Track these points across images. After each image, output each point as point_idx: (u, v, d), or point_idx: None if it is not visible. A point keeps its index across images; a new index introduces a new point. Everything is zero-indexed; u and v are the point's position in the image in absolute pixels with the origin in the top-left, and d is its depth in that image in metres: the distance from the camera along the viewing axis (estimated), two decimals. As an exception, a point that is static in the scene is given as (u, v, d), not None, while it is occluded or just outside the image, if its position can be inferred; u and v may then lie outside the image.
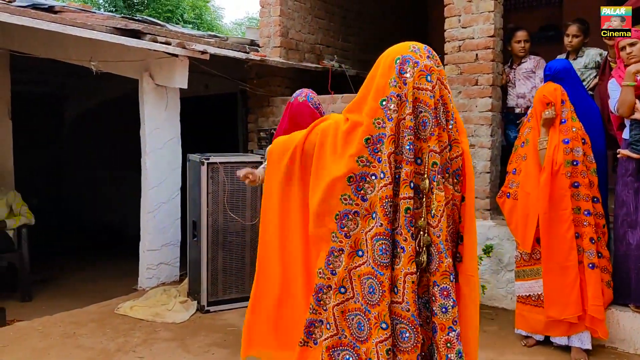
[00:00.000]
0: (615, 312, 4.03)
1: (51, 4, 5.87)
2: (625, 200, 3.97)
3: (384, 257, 1.77)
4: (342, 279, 1.85)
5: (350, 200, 1.86)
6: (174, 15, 16.77)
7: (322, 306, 1.92)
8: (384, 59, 1.90)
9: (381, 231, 1.77)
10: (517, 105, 5.19)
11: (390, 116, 1.80)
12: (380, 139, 1.81)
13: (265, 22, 6.50)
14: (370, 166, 1.84)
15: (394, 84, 1.81)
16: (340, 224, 1.87)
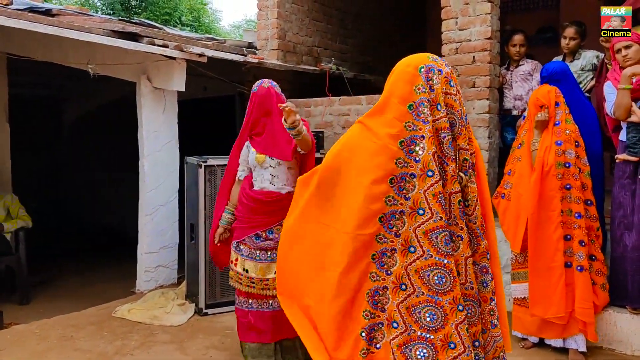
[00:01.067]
0: (612, 314, 4.04)
1: (48, 7, 5.88)
2: (622, 203, 3.98)
3: (448, 247, 1.91)
4: (400, 276, 1.93)
5: (394, 200, 1.97)
6: (171, 18, 16.79)
7: (379, 309, 1.98)
8: (404, 68, 2.04)
9: (441, 224, 1.90)
10: (514, 107, 5.20)
11: (426, 119, 1.94)
12: (413, 140, 1.96)
13: (262, 24, 6.51)
14: (408, 166, 1.96)
15: (423, 90, 1.97)
16: (388, 224, 1.97)
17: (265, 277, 3.39)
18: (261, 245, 3.40)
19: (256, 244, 3.40)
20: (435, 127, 1.94)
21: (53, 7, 6.12)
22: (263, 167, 3.43)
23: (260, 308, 3.43)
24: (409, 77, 2.00)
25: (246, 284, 3.42)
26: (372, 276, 1.98)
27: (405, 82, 2.00)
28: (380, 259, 1.97)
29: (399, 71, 2.04)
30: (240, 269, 3.43)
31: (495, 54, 5.10)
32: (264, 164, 3.41)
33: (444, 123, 1.95)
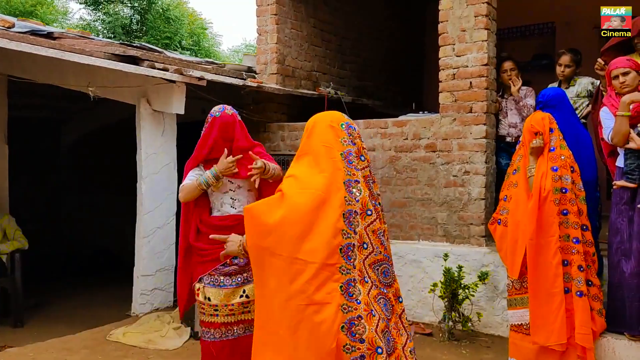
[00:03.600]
0: (610, 340, 4.02)
1: (50, 30, 5.95)
2: (619, 229, 3.98)
3: (387, 278, 2.16)
4: (368, 303, 2.06)
5: (347, 234, 2.08)
6: (172, 42, 16.95)
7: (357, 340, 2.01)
8: (329, 123, 2.23)
9: (381, 257, 2.14)
10: (509, 134, 5.24)
11: (357, 166, 2.16)
12: (350, 183, 2.14)
13: (262, 49, 6.57)
14: (352, 204, 2.11)
15: (348, 142, 2.19)
16: (347, 256, 2.06)
17: (229, 302, 3.24)
18: (225, 271, 3.25)
19: (220, 271, 3.25)
20: (363, 175, 2.18)
21: (54, 31, 6.19)
22: (222, 192, 3.33)
23: (222, 337, 3.25)
24: (335, 130, 2.20)
25: (209, 313, 3.25)
26: (344, 308, 2.00)
27: (332, 135, 2.19)
28: (347, 289, 2.03)
29: (325, 126, 2.23)
30: (202, 298, 3.27)
31: (492, 80, 5.16)
32: (223, 187, 3.32)
33: (368, 171, 2.21)
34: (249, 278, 3.24)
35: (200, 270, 3.28)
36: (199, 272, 3.29)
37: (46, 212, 9.49)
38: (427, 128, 5.36)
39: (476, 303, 4.87)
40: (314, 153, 2.20)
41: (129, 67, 5.07)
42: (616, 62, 4.03)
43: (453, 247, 5.13)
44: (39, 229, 7.75)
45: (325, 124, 2.23)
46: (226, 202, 3.33)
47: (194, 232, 3.34)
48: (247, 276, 3.25)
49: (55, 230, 9.52)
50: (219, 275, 3.24)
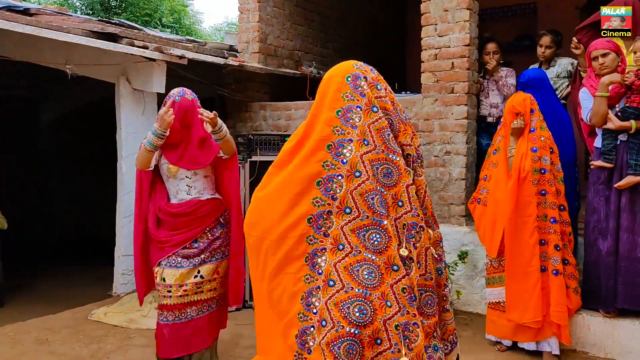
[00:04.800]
0: (585, 317, 4.11)
1: (26, 6, 5.81)
2: (596, 208, 4.05)
3: (376, 244, 1.91)
4: (329, 272, 1.94)
5: (322, 201, 1.99)
6: (152, 19, 16.66)
7: (311, 310, 1.97)
8: (331, 79, 2.10)
9: (368, 222, 1.92)
10: (490, 114, 5.28)
11: (354, 124, 2.00)
12: (341, 143, 2.01)
13: (244, 27, 6.51)
14: (335, 168, 2.00)
15: (351, 97, 2.03)
16: (317, 225, 1.99)
17: (183, 282, 3.25)
18: (184, 253, 3.27)
19: (179, 253, 3.27)
20: (376, 128, 1.99)
21: (31, 7, 6.04)
22: (178, 179, 3.33)
23: (176, 320, 3.27)
24: (337, 85, 2.07)
25: (163, 294, 3.27)
26: (306, 278, 1.99)
27: (333, 90, 2.07)
28: (313, 259, 1.99)
29: (327, 80, 2.11)
30: (158, 280, 3.28)
31: (474, 61, 5.17)
32: (179, 174, 3.32)
33: (384, 122, 2.00)
34: (206, 259, 3.31)
35: (159, 255, 3.30)
36: (158, 257, 3.31)
37: (25, 193, 9.37)
38: (409, 108, 5.37)
39: (456, 281, 4.94)
40: (312, 112, 2.12)
41: (108, 45, 4.99)
42: (596, 43, 4.06)
43: (434, 227, 5.17)
44: (19, 210, 7.66)
45: (329, 77, 2.12)
46: (182, 188, 3.34)
47: (154, 221, 3.35)
48: (204, 257, 3.30)
49: (35, 211, 9.43)
50: (177, 257, 3.26)
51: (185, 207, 3.31)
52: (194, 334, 3.31)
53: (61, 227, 9.49)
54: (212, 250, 3.35)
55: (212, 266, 3.35)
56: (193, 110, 3.31)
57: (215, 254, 3.37)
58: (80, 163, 9.51)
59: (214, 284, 3.38)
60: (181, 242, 3.28)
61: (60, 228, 9.46)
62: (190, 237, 3.30)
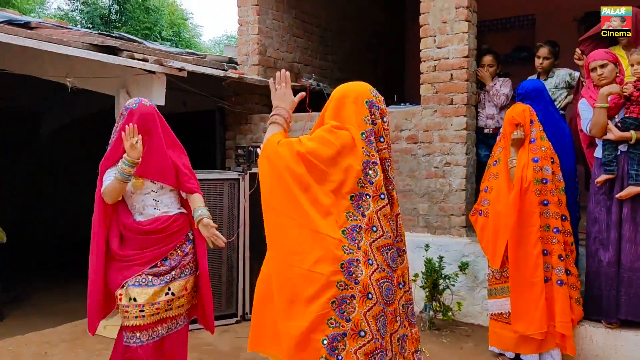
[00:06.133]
0: (587, 328, 4.09)
1: (27, 20, 5.83)
2: (597, 218, 4.05)
3: (394, 262, 2.13)
4: (367, 285, 2.04)
5: (354, 216, 2.09)
6: (152, 33, 16.77)
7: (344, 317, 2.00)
8: (354, 100, 2.19)
9: (390, 242, 2.13)
10: (486, 126, 5.30)
11: (376, 147, 2.16)
12: (367, 164, 2.12)
13: (243, 40, 6.53)
14: (365, 187, 2.10)
15: (369, 122, 2.16)
16: (351, 237, 2.07)
17: (155, 300, 3.09)
18: (154, 272, 3.11)
19: (148, 272, 3.10)
20: (380, 157, 2.17)
21: (32, 20, 6.07)
22: (143, 193, 3.15)
23: (149, 340, 3.11)
24: (359, 108, 2.17)
25: (134, 315, 3.06)
26: (340, 285, 2.01)
27: (356, 112, 2.16)
28: (349, 267, 2.04)
29: (350, 102, 2.19)
30: (126, 302, 3.07)
31: (473, 72, 5.19)
32: (144, 189, 3.14)
33: (387, 153, 2.21)
34: (176, 276, 3.16)
35: (124, 274, 3.10)
36: (123, 277, 3.10)
37: (26, 204, 9.36)
38: (408, 119, 5.38)
39: (457, 293, 4.91)
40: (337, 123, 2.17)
41: (108, 58, 5.00)
42: (594, 54, 4.08)
43: (434, 238, 5.18)
44: (19, 221, 7.64)
45: (351, 99, 2.19)
46: (148, 203, 3.17)
47: (117, 239, 3.15)
48: (174, 274, 3.15)
49: (36, 222, 9.40)
50: (147, 275, 3.10)
51: (157, 223, 3.13)
52: (167, 354, 3.18)
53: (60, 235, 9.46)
54: (182, 266, 3.20)
55: (182, 282, 3.20)
56: (153, 117, 3.14)
57: (184, 270, 3.22)
58: (80, 173, 9.50)
59: (182, 300, 3.23)
60: (152, 260, 3.11)
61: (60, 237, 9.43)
62: (162, 255, 3.14)
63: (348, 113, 2.17)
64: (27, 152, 9.54)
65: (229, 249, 5.06)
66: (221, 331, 4.82)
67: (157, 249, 3.13)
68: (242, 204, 5.13)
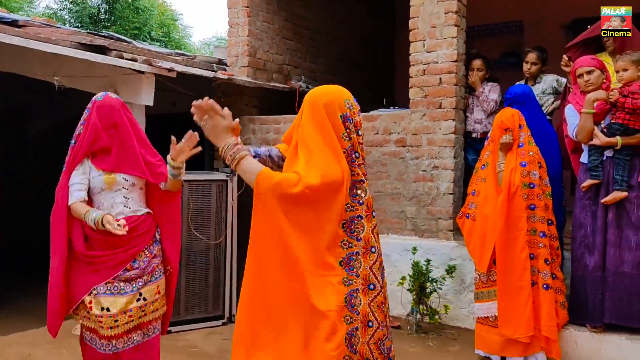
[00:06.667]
0: (572, 332, 4.12)
1: (15, 18, 5.79)
2: (583, 223, 4.08)
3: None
4: (366, 314, 2.03)
5: (349, 243, 2.03)
6: (141, 33, 16.69)
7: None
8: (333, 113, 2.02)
9: (382, 259, 2.12)
10: (474, 130, 5.33)
11: (358, 163, 2.05)
12: (355, 184, 2.04)
13: (233, 41, 6.53)
14: (354, 210, 2.04)
15: (347, 138, 2.03)
16: (348, 267, 2.02)
17: (128, 308, 2.96)
18: (126, 277, 2.97)
19: (119, 277, 2.96)
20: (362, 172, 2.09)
21: (20, 19, 6.03)
22: (114, 190, 3.00)
23: (125, 347, 3.00)
24: (337, 126, 2.02)
25: (108, 326, 2.93)
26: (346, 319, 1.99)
27: (334, 127, 2.01)
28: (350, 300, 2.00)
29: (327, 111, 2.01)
30: (98, 311, 2.92)
31: (462, 77, 5.22)
32: (115, 185, 2.99)
33: (363, 169, 2.08)
34: (147, 280, 3.04)
35: (95, 279, 2.94)
36: (92, 282, 2.94)
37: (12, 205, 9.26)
38: (397, 123, 5.40)
39: (443, 296, 4.93)
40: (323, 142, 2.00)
41: (97, 57, 4.97)
42: (580, 61, 4.13)
43: (422, 241, 5.19)
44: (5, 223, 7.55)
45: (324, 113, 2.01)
46: (118, 201, 3.02)
47: (82, 238, 2.99)
48: (146, 279, 3.04)
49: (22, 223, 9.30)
50: (119, 282, 2.96)
51: (127, 223, 2.95)
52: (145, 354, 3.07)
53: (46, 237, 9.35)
54: (152, 270, 3.08)
55: (153, 287, 3.08)
56: (117, 108, 3.03)
57: (154, 274, 3.09)
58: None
59: (156, 305, 3.11)
60: (122, 263, 2.97)
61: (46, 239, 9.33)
62: (132, 257, 3.00)
63: (328, 133, 2.00)
64: (15, 153, 9.43)
65: (216, 250, 5.04)
66: (207, 333, 4.80)
67: (126, 251, 2.99)
68: (230, 205, 5.12)
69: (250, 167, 2.00)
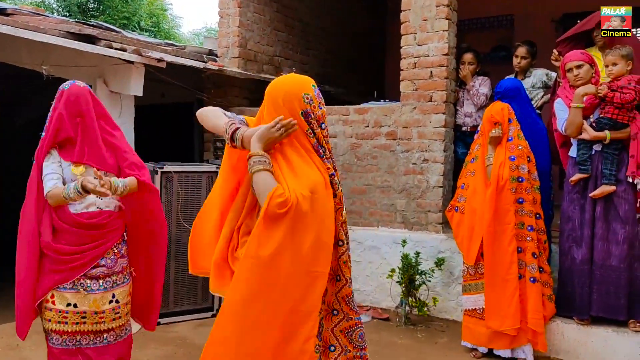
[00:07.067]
0: (560, 325, 4.16)
1: (2, 7, 5.71)
2: (571, 216, 4.11)
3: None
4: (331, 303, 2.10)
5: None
6: (130, 23, 16.52)
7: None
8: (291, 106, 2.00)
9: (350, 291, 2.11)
10: (464, 123, 5.35)
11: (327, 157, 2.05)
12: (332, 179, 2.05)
13: (224, 32, 6.49)
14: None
15: (311, 134, 2.01)
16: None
17: (100, 309, 2.89)
18: (92, 274, 2.88)
19: (86, 274, 2.87)
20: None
21: (7, 7, 5.94)
22: None
23: (91, 344, 2.91)
24: (300, 123, 2.00)
25: (74, 321, 2.85)
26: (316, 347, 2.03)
27: (299, 125, 2.00)
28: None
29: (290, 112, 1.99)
30: (62, 306, 2.83)
31: (452, 70, 5.23)
32: (85, 176, 2.83)
33: (332, 163, 2.06)
34: (118, 281, 2.98)
35: (56, 278, 2.84)
36: (54, 282, 2.84)
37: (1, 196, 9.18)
38: (388, 116, 5.40)
39: (432, 288, 4.96)
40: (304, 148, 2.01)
41: (86, 46, 4.92)
42: (570, 55, 4.14)
43: (411, 234, 5.21)
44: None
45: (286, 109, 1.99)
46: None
47: (50, 229, 2.86)
48: (116, 279, 2.97)
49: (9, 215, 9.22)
50: (85, 279, 2.88)
51: (100, 218, 2.89)
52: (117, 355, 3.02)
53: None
54: (122, 270, 3.01)
55: (125, 288, 3.03)
56: (84, 96, 2.92)
57: (125, 275, 3.03)
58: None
59: (128, 307, 3.07)
60: (90, 262, 2.86)
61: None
62: (100, 255, 2.90)
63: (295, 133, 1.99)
64: (3, 143, 9.34)
65: (206, 242, 5.03)
66: (196, 325, 4.80)
67: (95, 248, 2.89)
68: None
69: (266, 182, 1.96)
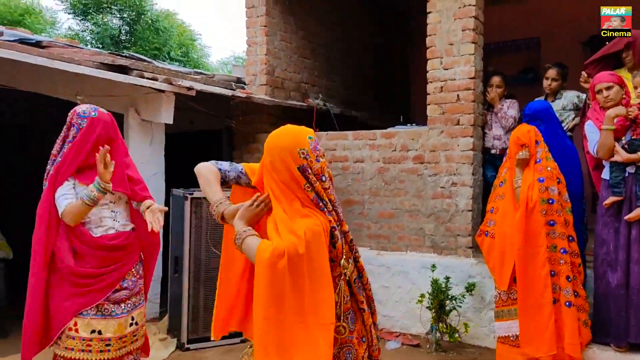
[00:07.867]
0: (596, 351, 4.04)
1: (38, 39, 5.92)
2: (605, 240, 4.03)
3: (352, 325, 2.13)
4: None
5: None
6: (160, 53, 16.93)
7: None
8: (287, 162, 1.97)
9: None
10: (493, 146, 5.31)
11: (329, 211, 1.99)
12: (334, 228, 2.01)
13: (251, 60, 6.60)
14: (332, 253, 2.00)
15: (310, 189, 1.96)
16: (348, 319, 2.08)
17: (123, 333, 2.91)
18: (115, 298, 2.90)
19: (110, 299, 2.89)
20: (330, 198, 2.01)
21: (43, 39, 6.16)
22: (100, 205, 2.91)
23: None
24: (298, 177, 1.96)
25: (98, 349, 2.84)
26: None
27: (296, 182, 1.96)
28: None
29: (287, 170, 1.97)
30: (86, 334, 2.83)
31: (479, 93, 5.21)
32: (102, 200, 2.88)
33: (335, 215, 1.99)
34: (137, 303, 3.00)
35: (80, 302, 2.83)
36: (79, 305, 2.83)
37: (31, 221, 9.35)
38: (415, 140, 5.40)
39: (463, 314, 4.88)
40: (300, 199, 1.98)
41: (119, 76, 5.06)
42: (599, 77, 4.11)
43: (440, 258, 5.15)
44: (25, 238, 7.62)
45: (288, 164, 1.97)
46: (106, 215, 2.98)
47: (70, 254, 2.88)
48: (135, 301, 2.99)
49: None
50: (109, 304, 2.88)
51: (121, 239, 2.93)
52: None
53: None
54: (139, 291, 3.04)
55: (142, 310, 3.04)
56: (114, 124, 3.02)
57: (141, 295, 3.07)
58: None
59: (145, 328, 3.09)
60: (112, 284, 2.88)
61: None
62: (122, 276, 2.93)
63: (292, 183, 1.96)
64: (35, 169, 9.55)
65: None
66: (225, 350, 4.79)
67: (117, 270, 2.92)
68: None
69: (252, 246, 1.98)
